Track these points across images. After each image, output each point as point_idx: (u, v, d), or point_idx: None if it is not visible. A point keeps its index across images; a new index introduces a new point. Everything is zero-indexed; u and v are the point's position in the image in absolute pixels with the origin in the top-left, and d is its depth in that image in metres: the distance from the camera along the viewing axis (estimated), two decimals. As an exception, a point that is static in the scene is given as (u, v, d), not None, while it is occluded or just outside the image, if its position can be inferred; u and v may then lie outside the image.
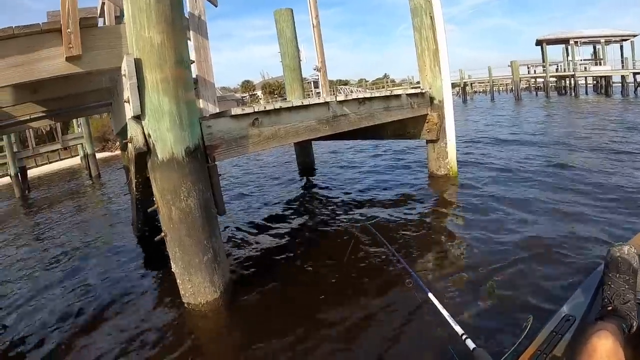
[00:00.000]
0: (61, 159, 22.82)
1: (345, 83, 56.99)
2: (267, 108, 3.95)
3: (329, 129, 4.69)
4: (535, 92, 43.54)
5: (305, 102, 4.37)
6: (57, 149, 19.27)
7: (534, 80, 44.08)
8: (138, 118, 3.09)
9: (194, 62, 4.33)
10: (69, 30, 3.46)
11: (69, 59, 3.58)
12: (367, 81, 61.06)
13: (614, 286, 1.69)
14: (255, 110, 3.84)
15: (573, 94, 34.63)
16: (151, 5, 2.94)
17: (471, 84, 45.52)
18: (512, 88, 38.09)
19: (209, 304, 3.38)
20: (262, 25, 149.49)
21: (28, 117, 5.94)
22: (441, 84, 6.41)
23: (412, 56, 6.32)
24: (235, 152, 3.75)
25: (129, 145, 3.15)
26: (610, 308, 1.63)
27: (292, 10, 8.48)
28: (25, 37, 3.47)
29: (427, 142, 6.78)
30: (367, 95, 5.24)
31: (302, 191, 7.91)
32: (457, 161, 6.78)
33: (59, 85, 4.85)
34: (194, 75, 4.61)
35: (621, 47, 35.13)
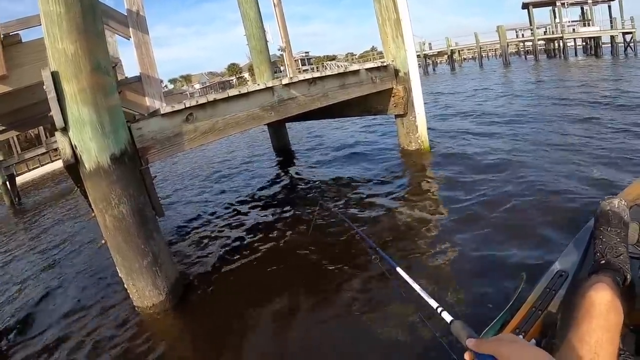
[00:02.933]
0: (52, 161, 23.03)
1: (333, 58, 56.84)
2: (200, 102, 3.98)
3: (275, 114, 4.71)
4: (524, 56, 44.25)
5: (244, 90, 4.37)
6: (48, 152, 19.46)
7: (522, 44, 44.70)
8: (64, 130, 3.16)
9: (116, 63, 4.38)
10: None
11: (-3, 80, 3.66)
12: (354, 55, 60.63)
13: (606, 240, 1.72)
14: (188, 105, 3.87)
15: (562, 56, 34.97)
16: (62, 15, 2.96)
17: (459, 51, 45.85)
18: (501, 53, 38.37)
19: (155, 306, 3.50)
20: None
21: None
22: (405, 55, 6.37)
23: None
24: (171, 151, 3.82)
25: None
26: (603, 262, 1.66)
27: (254, -9, 8.40)
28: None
29: (396, 116, 6.78)
30: (317, 75, 5.23)
31: (273, 175, 8.05)
32: (429, 134, 6.81)
33: (6, 101, 4.95)
34: (137, 73, 4.71)
35: (609, 7, 35.70)
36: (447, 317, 1.45)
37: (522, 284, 1.81)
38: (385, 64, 6.39)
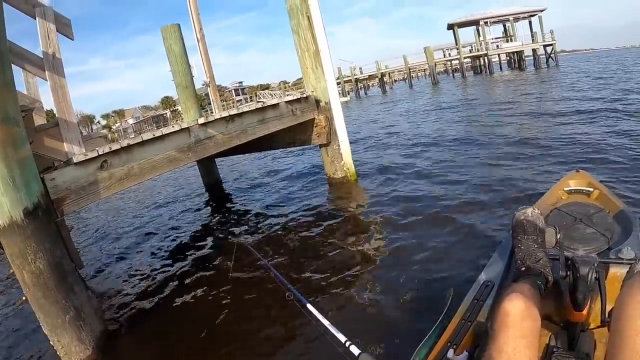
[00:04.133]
0: None
1: (267, 87, 57.35)
2: (113, 148, 3.98)
3: (192, 155, 4.77)
4: (452, 74, 46.68)
5: (158, 133, 4.40)
6: None
7: (450, 63, 47.19)
8: None
9: (24, 112, 4.32)
10: None
11: None
12: (288, 82, 61.43)
13: (524, 247, 1.82)
14: (101, 152, 3.86)
15: (488, 71, 37.33)
16: None
17: (389, 73, 47.78)
18: (429, 73, 40.49)
19: (83, 362, 3.45)
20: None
21: None
22: (325, 85, 6.62)
23: (331, 51, 6.45)
24: (87, 200, 3.79)
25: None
26: (523, 268, 1.76)
27: (179, 26, 8.37)
28: None
29: (320, 146, 6.97)
30: (234, 112, 5.33)
31: (199, 213, 8.07)
32: (354, 162, 7.05)
33: None
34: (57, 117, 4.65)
35: (530, 22, 39.19)
36: (355, 350, 1.57)
37: (451, 299, 1.94)
38: (305, 95, 6.61)
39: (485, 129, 9.51)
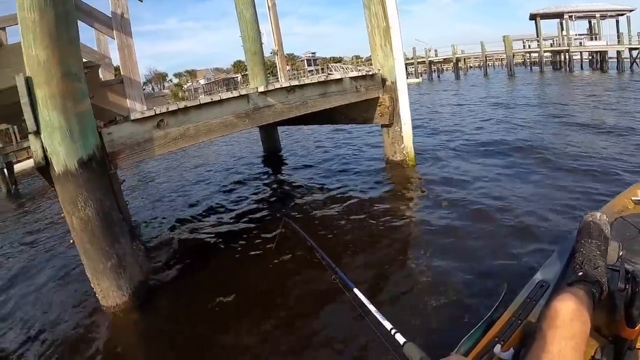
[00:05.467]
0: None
1: (339, 60, 56.98)
2: (171, 109, 4.14)
3: (249, 122, 4.87)
4: (530, 67, 44.76)
5: (216, 98, 4.52)
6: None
7: (528, 55, 45.11)
8: (37, 133, 3.34)
9: (89, 68, 4.55)
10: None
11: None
12: (361, 57, 60.59)
13: (585, 252, 1.77)
14: (158, 112, 4.04)
15: (568, 69, 35.30)
16: (35, 22, 3.14)
17: (464, 59, 46.48)
18: (506, 63, 39.05)
19: (119, 306, 3.71)
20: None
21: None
22: (393, 64, 6.50)
23: (408, 30, 6.34)
24: (140, 156, 4.00)
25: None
26: (580, 273, 1.69)
27: (251, -8, 8.47)
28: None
29: (382, 126, 6.90)
30: (295, 83, 5.36)
31: (254, 180, 8.28)
32: (417, 145, 6.95)
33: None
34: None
35: (617, 22, 36.14)
36: (400, 339, 1.56)
37: (504, 294, 1.93)
38: (371, 72, 6.52)
39: (557, 131, 9.01)
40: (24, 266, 5.57)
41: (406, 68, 49.75)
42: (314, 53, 70.84)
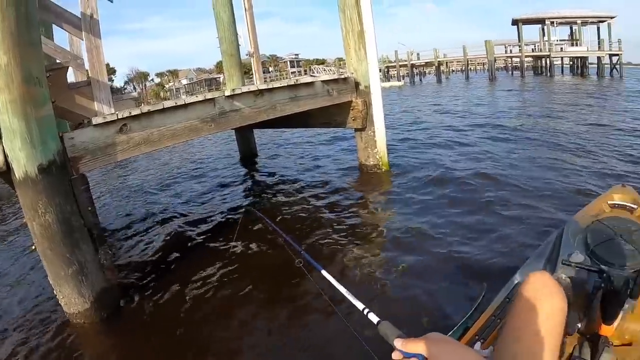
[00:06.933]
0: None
1: (322, 62, 57.43)
2: (134, 113, 4.13)
3: (215, 126, 4.87)
4: (511, 72, 45.74)
5: (180, 102, 4.53)
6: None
7: (510, 59, 46.55)
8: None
9: (55, 70, 4.55)
10: None
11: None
12: (344, 60, 61.18)
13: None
14: (121, 116, 4.03)
15: (548, 74, 36.18)
16: None
17: (446, 62, 47.81)
18: (488, 67, 39.86)
19: (81, 313, 3.72)
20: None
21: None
22: (367, 68, 6.55)
23: (391, 34, 6.44)
24: (103, 161, 4.01)
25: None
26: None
27: (228, -7, 8.52)
28: None
29: (355, 130, 6.95)
30: (263, 87, 5.38)
31: (231, 180, 8.34)
32: (388, 150, 7.03)
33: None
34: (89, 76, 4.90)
35: (598, 28, 37.32)
36: (374, 318, 1.48)
37: (484, 294, 1.99)
38: (344, 76, 6.58)
39: (539, 132, 9.26)
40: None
41: (388, 71, 50.22)
42: (297, 54, 71.56)
